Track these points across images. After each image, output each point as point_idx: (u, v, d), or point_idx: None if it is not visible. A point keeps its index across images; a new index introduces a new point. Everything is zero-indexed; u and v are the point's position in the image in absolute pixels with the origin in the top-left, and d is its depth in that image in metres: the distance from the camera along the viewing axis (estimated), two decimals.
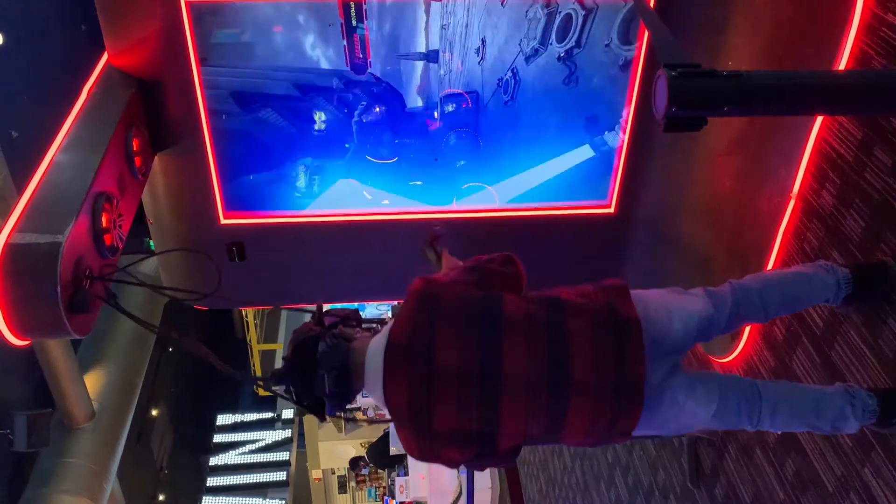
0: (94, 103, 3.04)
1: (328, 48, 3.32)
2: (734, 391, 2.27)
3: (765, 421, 2.29)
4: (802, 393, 2.39)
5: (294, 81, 3.42)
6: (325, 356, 2.12)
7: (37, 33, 6.86)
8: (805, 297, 2.53)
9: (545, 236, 3.82)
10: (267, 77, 3.41)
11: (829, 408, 2.32)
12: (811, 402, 2.33)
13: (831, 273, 2.49)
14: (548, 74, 3.43)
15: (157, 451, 14.32)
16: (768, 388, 2.31)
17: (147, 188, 3.45)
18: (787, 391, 2.36)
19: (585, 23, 3.32)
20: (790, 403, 2.32)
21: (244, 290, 3.88)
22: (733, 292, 2.39)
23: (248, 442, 16.92)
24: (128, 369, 7.76)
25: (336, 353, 2.13)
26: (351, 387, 2.15)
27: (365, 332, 2.25)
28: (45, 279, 2.34)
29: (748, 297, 2.39)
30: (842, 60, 2.64)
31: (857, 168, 2.64)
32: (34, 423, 5.73)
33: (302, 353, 2.14)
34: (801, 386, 2.58)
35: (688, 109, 1.51)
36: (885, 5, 2.47)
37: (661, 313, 2.17)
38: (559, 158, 3.68)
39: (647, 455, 4.53)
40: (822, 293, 2.50)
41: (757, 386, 2.31)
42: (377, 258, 3.89)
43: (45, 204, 2.57)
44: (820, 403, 2.33)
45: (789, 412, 2.31)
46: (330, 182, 3.70)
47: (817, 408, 2.32)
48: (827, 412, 2.32)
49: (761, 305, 2.41)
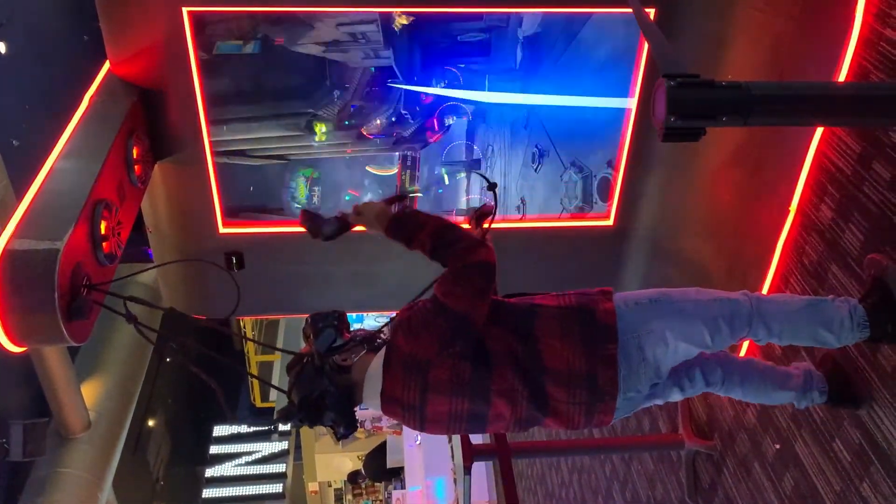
0: (95, 111, 3.05)
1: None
2: (702, 381, 2.47)
3: (719, 392, 2.54)
4: (760, 390, 2.59)
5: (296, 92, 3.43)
6: (336, 406, 2.20)
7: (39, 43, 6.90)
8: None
9: (544, 248, 3.82)
10: (269, 88, 3.42)
11: (777, 399, 2.64)
12: (763, 397, 2.61)
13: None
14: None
15: (153, 462, 14.26)
16: (732, 380, 2.52)
17: (147, 196, 3.45)
18: (747, 388, 2.57)
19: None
20: (745, 394, 2.57)
21: (243, 299, 3.87)
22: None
23: (244, 453, 16.85)
24: (125, 379, 7.74)
25: (343, 397, 2.20)
26: (355, 412, 2.28)
27: (357, 348, 2.25)
28: (43, 286, 2.33)
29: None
30: (841, 74, 2.65)
31: (856, 182, 2.65)
32: (30, 433, 5.71)
33: (309, 405, 2.20)
34: (763, 381, 2.64)
35: (686, 119, 1.52)
36: (884, 20, 2.48)
37: (660, 350, 2.23)
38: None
39: (645, 469, 4.51)
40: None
41: (724, 374, 2.49)
42: (376, 269, 3.89)
43: (44, 211, 2.57)
44: (770, 398, 2.62)
45: (741, 396, 2.58)
46: (330, 192, 3.71)
47: (766, 398, 2.61)
48: (772, 400, 2.66)
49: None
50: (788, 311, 2.36)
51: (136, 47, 3.18)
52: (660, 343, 2.21)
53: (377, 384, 2.19)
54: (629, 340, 2.19)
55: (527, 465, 7.64)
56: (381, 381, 2.18)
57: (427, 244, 2.16)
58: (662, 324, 2.22)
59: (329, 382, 2.17)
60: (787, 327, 2.36)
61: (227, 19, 3.21)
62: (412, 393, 2.16)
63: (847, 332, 2.34)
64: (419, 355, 2.14)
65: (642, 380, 2.22)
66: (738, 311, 2.31)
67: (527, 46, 3.36)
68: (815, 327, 2.35)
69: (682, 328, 2.24)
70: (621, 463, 4.93)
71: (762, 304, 2.35)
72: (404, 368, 2.15)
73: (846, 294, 2.68)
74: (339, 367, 2.20)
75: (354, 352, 2.23)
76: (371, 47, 3.33)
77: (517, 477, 7.96)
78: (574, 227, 3.82)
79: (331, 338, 2.22)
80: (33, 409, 6.78)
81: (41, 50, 6.90)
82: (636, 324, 2.21)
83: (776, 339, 2.39)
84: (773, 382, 2.61)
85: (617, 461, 5.01)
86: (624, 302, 2.26)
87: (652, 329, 2.21)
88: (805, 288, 2.95)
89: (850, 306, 2.35)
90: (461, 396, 2.16)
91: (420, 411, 2.19)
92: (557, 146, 3.60)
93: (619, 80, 3.44)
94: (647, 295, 2.31)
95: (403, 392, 2.17)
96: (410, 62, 3.38)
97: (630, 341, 2.19)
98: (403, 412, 2.21)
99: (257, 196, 3.70)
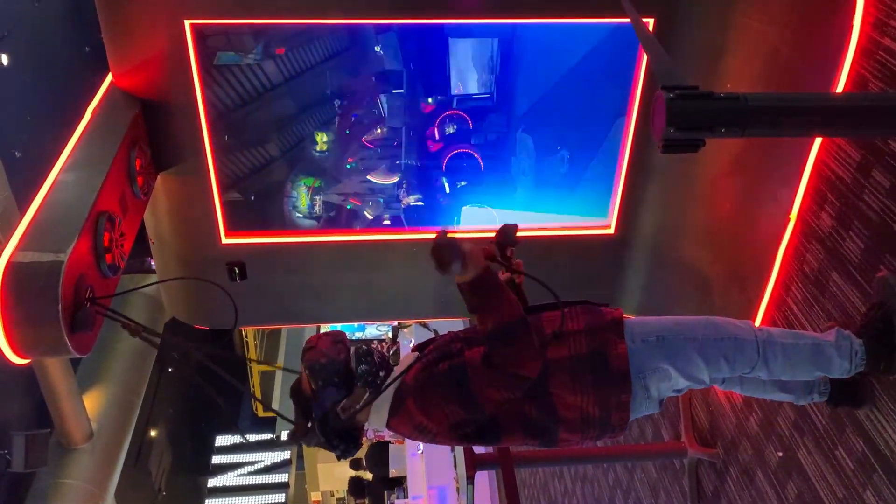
0: (97, 123, 3.06)
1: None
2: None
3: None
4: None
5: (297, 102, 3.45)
6: (342, 443, 2.20)
7: (41, 55, 6.92)
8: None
9: (545, 256, 3.83)
10: (270, 98, 3.44)
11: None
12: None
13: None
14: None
15: (155, 472, 14.23)
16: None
17: (149, 208, 3.46)
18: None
19: None
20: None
21: (245, 309, 3.87)
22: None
23: (246, 463, 16.82)
24: (127, 389, 7.73)
25: (351, 438, 2.21)
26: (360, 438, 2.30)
27: (362, 389, 2.20)
28: (47, 298, 2.35)
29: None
30: (839, 84, 2.66)
31: (856, 190, 2.65)
32: (32, 444, 5.70)
33: (322, 446, 2.23)
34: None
35: (685, 131, 1.53)
36: (882, 30, 2.49)
37: (664, 386, 2.29)
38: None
39: (648, 477, 4.50)
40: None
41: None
42: (378, 278, 3.90)
43: (47, 223, 2.58)
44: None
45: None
46: (331, 202, 3.72)
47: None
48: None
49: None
50: (793, 363, 2.39)
51: (138, 59, 3.20)
52: (664, 380, 2.28)
53: (383, 416, 2.21)
54: (636, 381, 2.24)
55: (530, 475, 7.62)
56: (387, 415, 2.20)
57: (489, 327, 2.08)
58: (668, 363, 2.27)
59: (334, 434, 2.18)
60: (788, 373, 2.41)
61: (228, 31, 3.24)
62: (420, 437, 2.27)
63: (844, 373, 2.44)
64: (428, 426, 2.20)
65: (643, 409, 2.30)
66: (744, 357, 2.35)
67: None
68: (813, 371, 2.43)
69: (686, 369, 2.30)
70: (624, 471, 4.92)
71: (768, 350, 2.36)
72: (411, 427, 2.22)
73: (848, 304, 2.68)
74: (343, 416, 2.15)
75: (356, 399, 2.16)
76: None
77: (520, 486, 7.94)
78: (575, 235, 3.83)
79: (331, 398, 2.14)
80: (35, 420, 6.77)
81: (44, 62, 6.92)
82: (644, 363, 2.25)
83: (773, 383, 2.58)
84: (774, 382, 2.63)
85: (620, 470, 5.00)
86: (632, 338, 2.27)
87: (658, 367, 2.26)
88: (806, 295, 2.96)
89: (853, 350, 2.40)
90: (468, 441, 2.29)
91: (432, 438, 2.27)
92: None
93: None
94: (655, 330, 2.32)
95: (411, 433, 2.26)
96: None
97: (637, 381, 2.24)
98: (412, 432, 2.28)
99: (259, 205, 3.72)
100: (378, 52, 3.36)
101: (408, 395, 2.16)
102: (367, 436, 12.90)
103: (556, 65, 3.44)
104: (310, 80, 3.40)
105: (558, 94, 3.49)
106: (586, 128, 3.56)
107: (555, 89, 3.48)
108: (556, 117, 3.57)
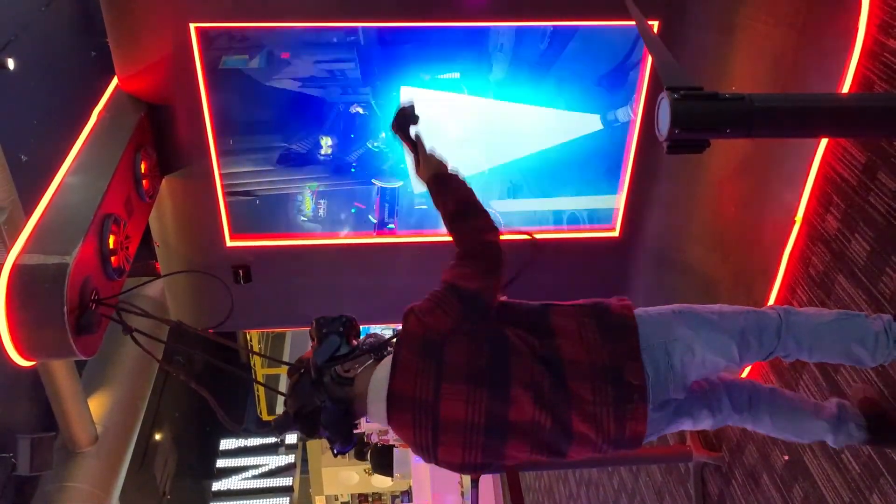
0: (103, 126, 3.07)
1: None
2: (728, 405, 2.33)
3: (746, 424, 2.40)
4: (791, 419, 2.42)
5: (301, 106, 3.45)
6: (331, 424, 2.06)
7: (47, 58, 6.95)
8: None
9: (550, 259, 3.81)
10: (275, 101, 3.44)
11: (812, 433, 2.44)
12: (796, 429, 2.43)
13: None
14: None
15: (160, 475, 14.22)
16: (760, 407, 2.36)
17: (154, 210, 3.47)
18: (777, 414, 2.39)
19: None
20: (775, 425, 2.40)
21: (250, 312, 3.89)
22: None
23: (251, 467, 16.81)
24: (132, 393, 7.72)
25: (341, 413, 2.06)
26: (354, 427, 2.13)
27: (365, 356, 2.11)
28: (53, 300, 2.35)
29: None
30: (845, 85, 2.66)
31: (861, 192, 2.64)
32: (37, 447, 5.71)
33: (305, 418, 2.08)
34: (794, 408, 2.46)
35: (690, 131, 1.52)
36: (887, 31, 2.49)
37: (687, 358, 2.10)
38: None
39: (653, 481, 4.49)
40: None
41: (751, 399, 2.36)
42: (383, 281, 3.90)
43: (53, 225, 2.59)
44: (804, 430, 2.43)
45: (772, 429, 2.42)
46: (336, 205, 3.72)
47: (800, 432, 2.43)
48: (807, 435, 2.46)
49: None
50: (819, 324, 2.23)
51: (143, 63, 3.21)
52: (687, 352, 2.08)
53: (383, 388, 2.02)
54: (656, 345, 2.06)
55: (534, 478, 7.60)
56: (387, 382, 2.01)
57: (450, 207, 2.14)
58: (689, 332, 2.11)
59: (326, 397, 2.03)
60: (818, 341, 2.22)
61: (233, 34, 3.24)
62: (425, 383, 1.98)
63: (882, 349, 2.19)
64: (432, 335, 1.99)
65: (669, 391, 2.08)
66: (767, 323, 2.20)
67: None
68: (847, 342, 2.21)
69: (708, 338, 2.12)
70: (629, 475, 4.91)
71: (791, 315, 2.23)
72: (417, 355, 2.00)
73: (854, 307, 2.67)
74: (341, 379, 2.04)
75: (359, 361, 2.07)
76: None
77: (525, 490, 7.92)
78: (580, 238, 3.83)
79: (334, 345, 2.09)
80: (40, 424, 6.78)
81: (49, 66, 6.95)
82: (661, 331, 2.09)
83: (806, 355, 2.24)
84: (805, 409, 2.44)
85: (625, 473, 4.98)
86: (645, 312, 2.16)
87: (678, 337, 2.09)
88: (812, 298, 2.95)
89: (885, 322, 2.23)
90: (478, 386, 1.98)
91: (433, 410, 1.99)
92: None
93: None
94: (669, 308, 2.20)
95: (415, 385, 1.99)
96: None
97: (657, 345, 2.06)
98: (414, 415, 2.01)
99: (264, 208, 3.72)
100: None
101: (407, 323, 2.06)
102: (370, 440, 12.88)
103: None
104: (315, 83, 3.40)
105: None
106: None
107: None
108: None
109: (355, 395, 2.05)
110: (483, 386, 1.98)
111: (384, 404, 2.02)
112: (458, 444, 2.03)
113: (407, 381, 2.00)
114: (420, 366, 1.99)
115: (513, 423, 2.01)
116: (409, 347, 2.02)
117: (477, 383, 1.98)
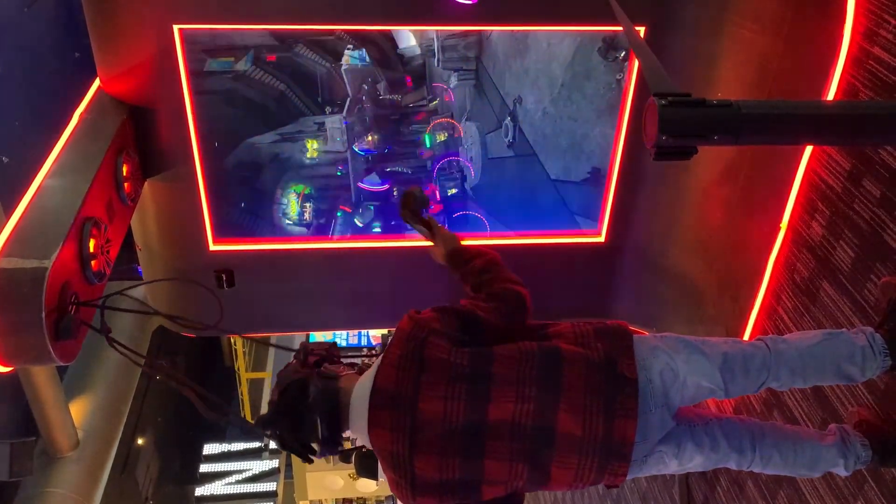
0: (84, 129, 3.03)
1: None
2: (725, 444, 2.23)
3: (755, 467, 2.29)
4: (798, 449, 2.31)
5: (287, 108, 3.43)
6: (317, 402, 2.03)
7: (29, 59, 6.87)
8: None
9: (536, 265, 3.81)
10: (260, 102, 3.42)
11: (823, 461, 2.32)
12: (806, 460, 2.31)
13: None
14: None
15: (142, 481, 14.09)
16: (764, 443, 2.25)
17: (136, 214, 3.43)
18: (783, 447, 2.29)
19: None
20: (784, 459, 2.29)
21: (233, 318, 3.84)
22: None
23: (234, 472, 16.72)
24: (114, 397, 7.66)
25: (327, 396, 2.05)
26: (341, 428, 2.09)
27: (347, 369, 2.17)
28: (31, 305, 2.31)
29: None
30: (830, 92, 2.67)
31: (846, 199, 2.65)
32: (17, 452, 5.62)
33: (291, 399, 2.05)
34: (797, 437, 2.38)
35: (678, 138, 1.51)
36: (872, 39, 2.50)
37: (668, 375, 2.07)
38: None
39: (639, 487, 4.48)
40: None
41: (754, 438, 2.26)
42: (368, 286, 3.87)
43: (32, 229, 2.54)
44: (814, 460, 2.31)
45: (783, 465, 2.30)
46: (321, 209, 3.70)
47: (811, 463, 2.32)
48: (820, 465, 2.32)
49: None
50: (808, 347, 2.22)
51: (126, 64, 3.17)
52: (667, 369, 2.06)
53: (368, 385, 2.03)
54: (638, 359, 2.06)
55: None
56: (373, 379, 2.03)
57: (478, 264, 2.24)
58: (670, 351, 2.09)
59: (313, 387, 2.04)
60: (810, 365, 2.20)
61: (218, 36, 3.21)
62: (407, 377, 1.99)
63: (870, 363, 2.21)
64: (418, 331, 2.02)
65: (650, 403, 2.04)
66: (752, 353, 2.18)
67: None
68: (837, 361, 2.21)
69: (689, 359, 2.10)
70: None
71: (778, 344, 2.22)
72: (400, 348, 2.02)
73: (839, 314, 2.68)
74: (326, 374, 2.09)
75: (344, 368, 2.17)
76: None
77: None
78: (565, 243, 3.82)
79: (320, 345, 2.21)
80: (20, 428, 6.69)
81: (31, 66, 6.87)
82: (643, 346, 2.09)
83: (800, 381, 2.23)
84: (811, 436, 2.39)
85: None
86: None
87: (658, 355, 2.07)
88: (797, 305, 2.96)
89: (868, 335, 2.24)
90: (457, 382, 1.97)
91: (412, 407, 1.98)
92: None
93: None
94: (652, 334, 2.22)
95: (397, 380, 1.99)
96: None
97: (638, 360, 2.05)
98: (392, 413, 1.99)
99: (248, 212, 3.69)
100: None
101: (401, 323, 2.12)
102: (354, 444, 12.85)
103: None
104: (301, 87, 3.38)
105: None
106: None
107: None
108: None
109: (339, 388, 2.08)
110: (462, 382, 1.98)
111: (366, 408, 2.02)
112: (435, 452, 1.99)
113: (389, 378, 2.02)
114: (402, 361, 2.02)
115: (492, 423, 1.98)
116: (397, 344, 2.06)
117: (456, 382, 1.99)
